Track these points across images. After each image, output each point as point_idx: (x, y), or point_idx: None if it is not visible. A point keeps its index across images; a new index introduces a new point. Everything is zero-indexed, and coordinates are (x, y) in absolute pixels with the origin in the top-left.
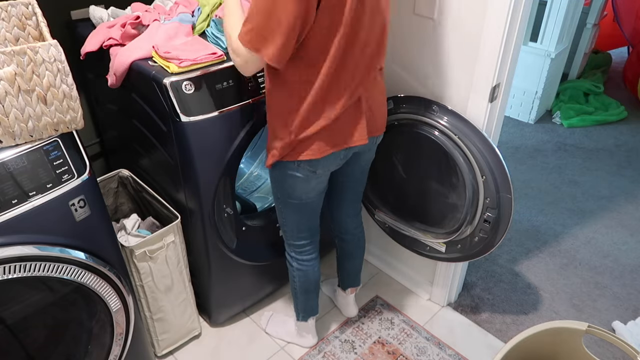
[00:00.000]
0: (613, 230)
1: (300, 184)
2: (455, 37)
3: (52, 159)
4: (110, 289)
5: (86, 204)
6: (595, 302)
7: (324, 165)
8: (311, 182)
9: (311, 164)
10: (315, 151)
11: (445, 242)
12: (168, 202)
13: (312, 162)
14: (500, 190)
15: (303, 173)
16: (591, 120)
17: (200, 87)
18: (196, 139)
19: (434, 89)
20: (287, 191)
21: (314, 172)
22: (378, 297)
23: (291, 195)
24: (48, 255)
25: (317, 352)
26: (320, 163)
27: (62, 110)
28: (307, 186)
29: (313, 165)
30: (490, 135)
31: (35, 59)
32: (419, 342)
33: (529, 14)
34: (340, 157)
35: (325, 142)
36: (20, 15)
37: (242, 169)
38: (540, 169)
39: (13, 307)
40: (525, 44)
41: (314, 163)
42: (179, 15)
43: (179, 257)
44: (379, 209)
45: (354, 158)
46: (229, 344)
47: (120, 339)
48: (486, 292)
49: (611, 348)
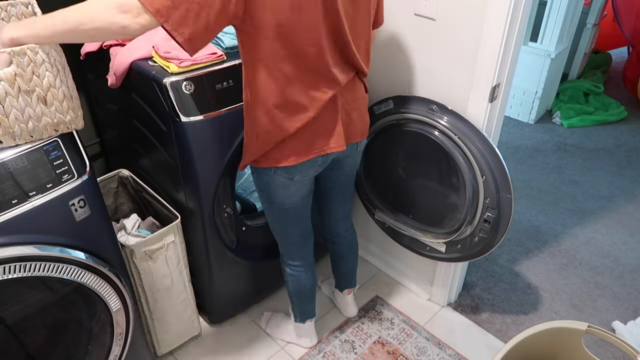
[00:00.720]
0: (613, 230)
1: (280, 190)
2: (455, 37)
3: (52, 159)
4: (110, 289)
5: (86, 204)
6: (595, 302)
7: (301, 172)
8: (290, 188)
9: (287, 171)
10: (289, 158)
11: (445, 242)
12: (168, 202)
13: (287, 168)
14: (500, 190)
15: (280, 179)
16: (591, 120)
17: (200, 87)
18: (196, 139)
19: (433, 89)
20: (269, 196)
21: (291, 179)
22: (378, 297)
23: (273, 200)
24: (48, 255)
25: (317, 352)
26: (297, 169)
27: (62, 110)
28: (287, 192)
29: (289, 172)
30: (490, 135)
31: (35, 59)
32: (419, 342)
33: (529, 14)
34: (318, 164)
35: (297, 148)
36: (20, 15)
37: None
38: (540, 169)
39: (13, 307)
40: (525, 44)
41: (289, 170)
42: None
43: (179, 257)
44: (379, 208)
45: (335, 164)
46: (229, 344)
47: (120, 339)
48: (486, 292)
49: (611, 348)
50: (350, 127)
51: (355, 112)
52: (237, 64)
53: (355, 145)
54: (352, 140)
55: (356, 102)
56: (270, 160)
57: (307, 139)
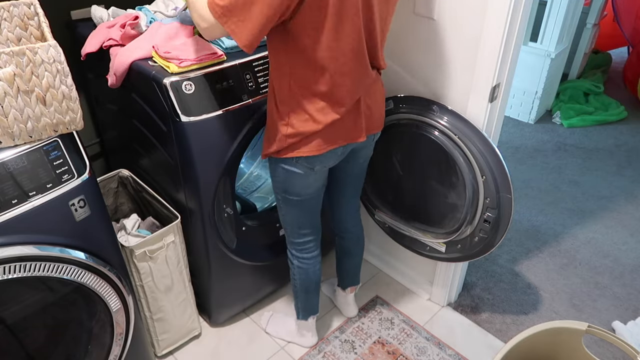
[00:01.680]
0: (613, 230)
1: (299, 180)
2: (455, 37)
3: (52, 159)
4: (110, 289)
5: (86, 204)
6: (595, 302)
7: (322, 162)
8: (309, 178)
9: (309, 161)
10: (313, 148)
11: (445, 242)
12: (168, 202)
13: (309, 158)
14: (500, 190)
15: (301, 169)
16: (591, 120)
17: (200, 87)
18: (196, 139)
19: (434, 89)
20: (285, 187)
21: (312, 169)
22: (378, 297)
23: (290, 191)
24: (48, 255)
25: (317, 352)
26: (318, 159)
27: (61, 111)
28: (305, 182)
29: (311, 162)
30: (490, 135)
31: (34, 59)
32: (419, 342)
33: (529, 14)
34: (338, 154)
35: (323, 139)
36: (23, 15)
37: (242, 169)
38: (540, 169)
39: (13, 307)
40: (525, 44)
41: (311, 160)
42: (180, 16)
43: (179, 257)
44: (379, 208)
45: (352, 155)
46: (229, 344)
47: (120, 339)
48: (486, 292)
49: (611, 348)
50: (370, 120)
51: (375, 105)
52: (237, 64)
53: (373, 136)
54: (371, 131)
55: (376, 95)
56: (292, 150)
57: (332, 130)
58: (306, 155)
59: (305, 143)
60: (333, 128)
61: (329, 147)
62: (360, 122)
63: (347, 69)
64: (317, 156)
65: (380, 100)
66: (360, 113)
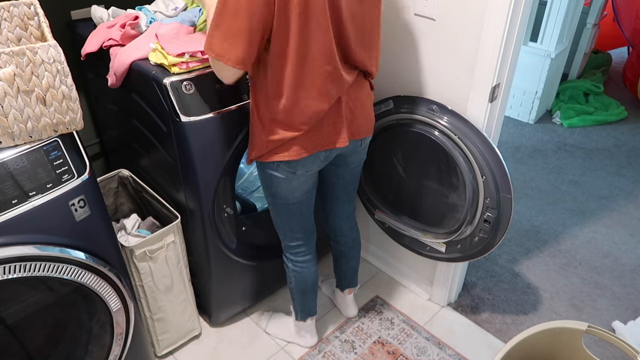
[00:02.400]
0: (613, 230)
1: (283, 185)
2: (455, 37)
3: (52, 159)
4: (110, 289)
5: (86, 204)
6: (595, 302)
7: (304, 166)
8: (293, 183)
9: (290, 165)
10: (293, 153)
11: (445, 242)
12: (168, 202)
13: (290, 163)
14: (500, 190)
15: (282, 174)
16: (591, 120)
17: (200, 87)
18: (196, 139)
19: (434, 89)
20: (272, 191)
21: (294, 173)
22: (378, 297)
23: (276, 195)
24: (48, 255)
25: (317, 352)
26: (300, 164)
27: (61, 111)
28: (290, 186)
29: (292, 167)
30: (490, 135)
31: (34, 59)
32: (419, 342)
33: (529, 14)
34: (321, 159)
35: (301, 144)
36: (23, 15)
37: (242, 169)
38: (540, 169)
39: (13, 307)
40: (525, 44)
41: (292, 164)
42: (180, 16)
43: (179, 257)
44: (379, 208)
45: (341, 159)
46: (229, 344)
47: (120, 339)
48: (486, 292)
49: (611, 348)
50: (354, 124)
51: (359, 109)
52: None
53: (360, 141)
54: (356, 137)
55: (360, 100)
56: (272, 154)
57: (311, 134)
58: (286, 159)
59: (286, 148)
60: (311, 134)
61: (308, 152)
62: (340, 127)
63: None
64: (298, 161)
65: (367, 105)
66: (340, 118)
